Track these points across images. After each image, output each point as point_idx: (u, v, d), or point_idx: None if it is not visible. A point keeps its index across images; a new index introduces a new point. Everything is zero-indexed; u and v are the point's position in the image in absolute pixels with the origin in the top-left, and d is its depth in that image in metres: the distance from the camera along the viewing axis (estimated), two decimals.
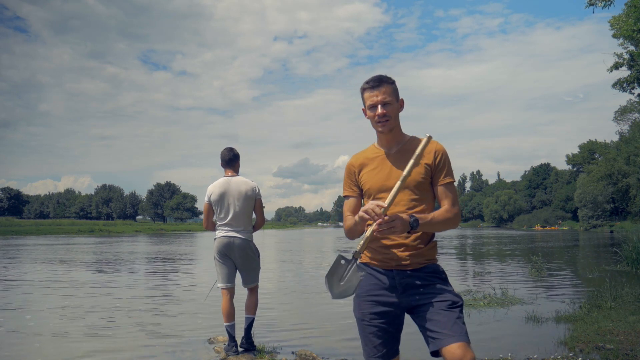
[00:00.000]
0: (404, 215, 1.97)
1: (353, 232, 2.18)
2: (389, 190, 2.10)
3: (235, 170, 4.58)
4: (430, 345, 1.97)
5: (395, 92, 2.15)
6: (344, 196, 2.31)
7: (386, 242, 2.11)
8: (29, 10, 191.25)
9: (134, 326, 5.84)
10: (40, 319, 6.34)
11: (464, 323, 1.97)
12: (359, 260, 2.06)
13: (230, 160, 4.55)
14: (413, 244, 2.08)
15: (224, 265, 4.41)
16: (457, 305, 2.01)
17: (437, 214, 2.07)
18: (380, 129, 2.15)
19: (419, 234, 2.08)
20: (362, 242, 1.99)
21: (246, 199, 4.42)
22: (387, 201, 1.95)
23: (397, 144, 2.18)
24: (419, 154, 1.99)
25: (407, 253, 2.08)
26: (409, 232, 2.00)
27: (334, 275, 2.01)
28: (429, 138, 2.02)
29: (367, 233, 1.97)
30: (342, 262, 2.01)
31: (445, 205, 2.11)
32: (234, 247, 4.36)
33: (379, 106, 2.11)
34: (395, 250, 2.09)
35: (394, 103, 2.14)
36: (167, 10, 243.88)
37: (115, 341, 5.12)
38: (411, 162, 1.99)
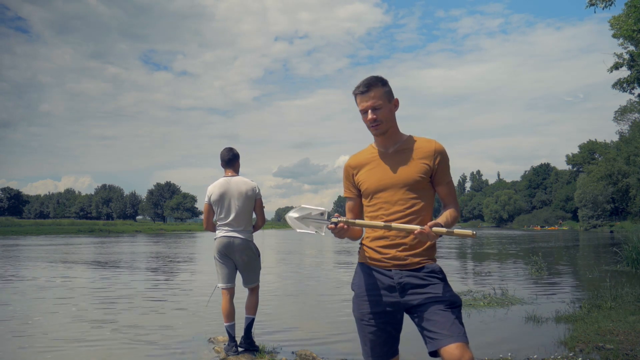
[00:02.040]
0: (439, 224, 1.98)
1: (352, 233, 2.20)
2: (385, 189, 2.12)
3: (235, 170, 4.58)
4: (429, 345, 1.97)
5: (386, 94, 2.13)
6: (345, 197, 2.34)
7: (384, 242, 2.11)
8: (30, 10, 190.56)
9: (133, 326, 5.85)
10: (31, 322, 6.33)
11: (462, 323, 1.97)
12: (358, 258, 2.07)
13: (230, 160, 4.55)
14: (411, 244, 2.08)
15: (224, 265, 4.41)
16: (455, 305, 2.01)
17: (449, 216, 2.10)
18: (373, 133, 2.17)
19: None
20: (363, 223, 2.04)
21: (246, 199, 4.42)
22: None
23: (394, 144, 2.18)
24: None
25: (405, 253, 2.08)
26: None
27: (307, 211, 2.07)
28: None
29: (381, 224, 2.01)
30: (321, 215, 2.05)
31: (451, 204, 2.16)
32: (234, 247, 4.36)
33: (369, 111, 2.11)
34: (393, 250, 2.09)
35: (385, 105, 2.12)
36: (168, 10, 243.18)
37: (115, 341, 5.12)
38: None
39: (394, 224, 2.00)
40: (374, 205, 2.16)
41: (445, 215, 2.11)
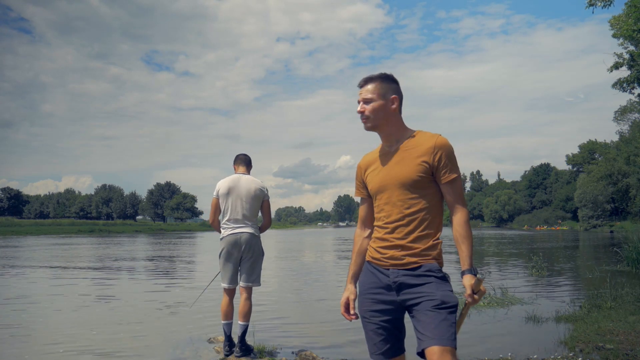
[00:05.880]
0: (470, 279, 1.97)
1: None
2: (385, 190, 2.10)
3: (248, 171, 4.64)
4: (417, 346, 1.96)
5: (382, 89, 2.10)
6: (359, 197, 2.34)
7: (385, 243, 2.11)
8: (33, 11, 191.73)
9: (133, 325, 5.85)
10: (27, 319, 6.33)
11: (451, 325, 1.92)
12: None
13: (249, 162, 4.66)
14: (409, 244, 2.06)
15: (229, 264, 4.39)
16: (446, 306, 1.95)
17: (465, 243, 2.03)
18: (364, 127, 2.16)
19: (414, 233, 2.05)
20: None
21: (254, 198, 4.43)
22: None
23: (396, 142, 2.13)
24: None
25: (402, 252, 2.06)
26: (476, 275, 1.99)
27: None
28: None
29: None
30: None
31: (456, 206, 2.06)
32: (241, 242, 4.33)
33: (360, 103, 2.12)
34: (391, 250, 2.09)
35: (378, 100, 2.09)
36: (171, 11, 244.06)
37: (114, 340, 5.12)
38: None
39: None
40: (377, 206, 2.16)
41: (460, 242, 2.04)
